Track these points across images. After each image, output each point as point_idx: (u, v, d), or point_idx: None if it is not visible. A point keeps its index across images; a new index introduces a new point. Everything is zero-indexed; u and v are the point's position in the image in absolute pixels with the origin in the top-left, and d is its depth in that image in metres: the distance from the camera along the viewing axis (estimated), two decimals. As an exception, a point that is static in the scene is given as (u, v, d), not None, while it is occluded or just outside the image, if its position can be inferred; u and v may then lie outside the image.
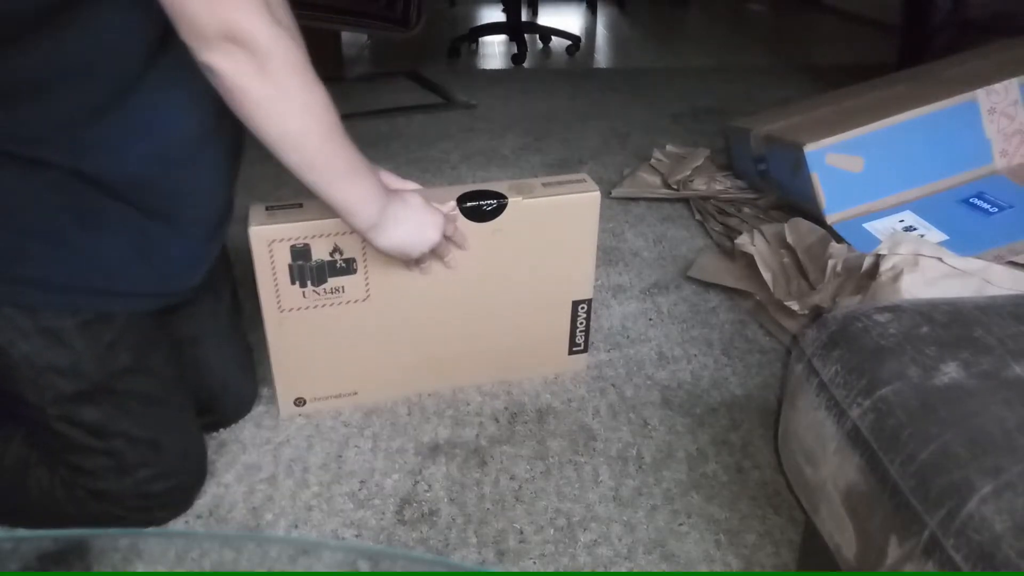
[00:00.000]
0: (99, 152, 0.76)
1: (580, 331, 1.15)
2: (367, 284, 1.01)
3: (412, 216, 0.91)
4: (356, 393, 1.09)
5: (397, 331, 1.06)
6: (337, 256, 0.98)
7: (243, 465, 1.00)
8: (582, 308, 1.13)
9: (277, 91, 0.72)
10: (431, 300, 1.05)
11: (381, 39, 3.59)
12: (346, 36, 3.21)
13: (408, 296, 1.03)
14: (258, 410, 1.09)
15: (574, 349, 1.16)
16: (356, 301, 1.01)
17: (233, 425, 1.06)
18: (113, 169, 0.77)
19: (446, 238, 0.97)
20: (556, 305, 1.12)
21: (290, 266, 0.97)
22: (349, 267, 0.99)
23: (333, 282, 0.99)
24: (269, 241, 0.95)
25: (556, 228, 1.06)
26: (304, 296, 0.99)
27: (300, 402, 1.08)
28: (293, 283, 0.98)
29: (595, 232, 1.08)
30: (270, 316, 1.00)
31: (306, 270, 0.98)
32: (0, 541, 0.50)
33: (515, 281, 1.08)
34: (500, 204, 1.01)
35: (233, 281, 1.06)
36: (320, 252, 0.97)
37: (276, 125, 0.74)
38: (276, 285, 0.98)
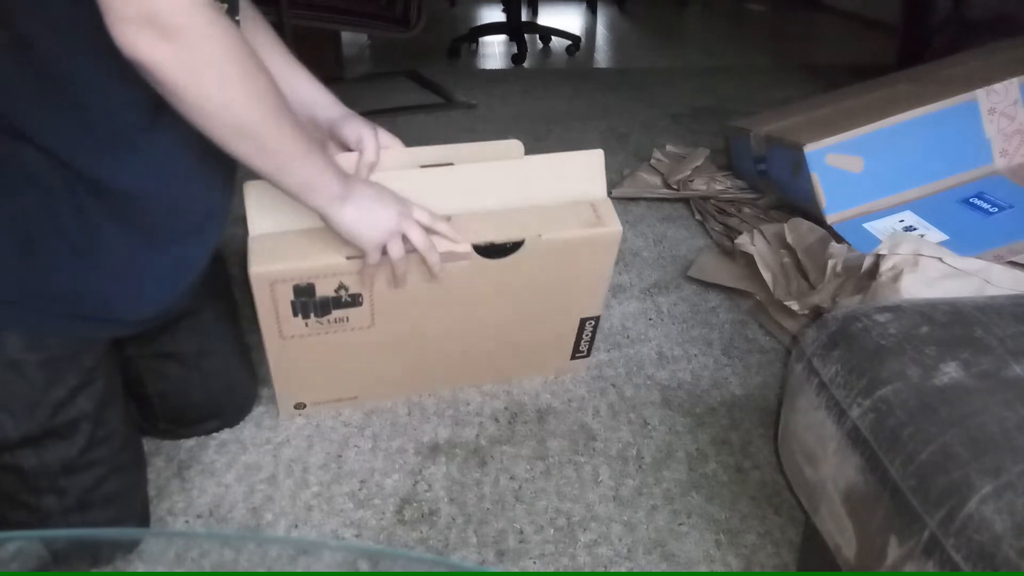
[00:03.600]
0: (115, 161, 0.74)
1: (585, 341, 1.14)
2: (372, 314, 0.97)
3: (374, 191, 0.87)
4: (356, 397, 1.09)
5: (401, 350, 1.04)
6: (343, 292, 0.94)
7: (243, 465, 1.00)
8: (589, 323, 1.11)
9: (213, 82, 0.66)
10: (438, 324, 1.02)
11: (381, 39, 3.59)
12: (346, 36, 3.21)
13: (414, 322, 1.01)
14: (258, 410, 1.09)
15: (576, 355, 1.16)
16: (360, 328, 0.98)
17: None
18: (120, 180, 0.74)
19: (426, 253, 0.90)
20: (564, 323, 1.11)
21: (292, 302, 0.93)
22: (355, 301, 0.95)
23: (337, 314, 0.96)
24: (271, 282, 0.90)
25: (573, 261, 1.01)
26: (307, 326, 0.96)
27: (300, 406, 1.07)
28: (296, 316, 0.94)
29: (613, 263, 1.04)
30: (271, 341, 0.97)
31: (309, 305, 0.94)
32: (1, 541, 0.50)
33: (525, 305, 1.05)
34: (516, 242, 0.96)
35: (228, 284, 1.05)
36: (324, 289, 0.93)
37: (216, 118, 0.69)
38: (278, 318, 0.94)
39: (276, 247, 0.90)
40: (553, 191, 1.00)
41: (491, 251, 0.95)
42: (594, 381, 1.16)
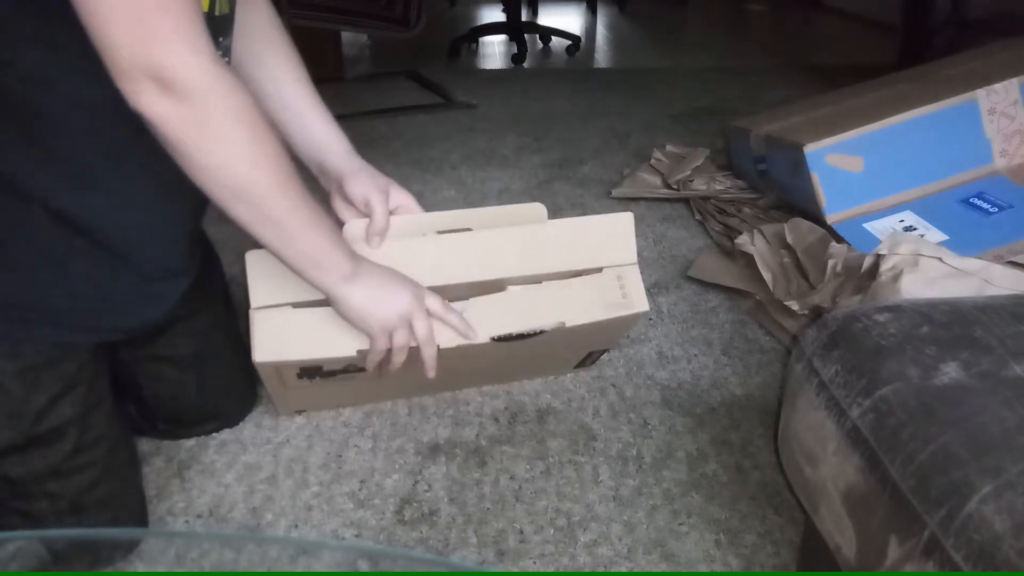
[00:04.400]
0: (79, 188, 0.73)
1: (591, 360, 1.14)
2: (380, 372, 0.95)
3: (385, 272, 0.83)
4: (356, 403, 1.10)
5: (406, 380, 1.01)
6: (351, 368, 0.92)
7: (243, 465, 1.00)
8: (597, 352, 1.12)
9: (216, 142, 0.65)
10: (445, 368, 0.98)
11: (381, 39, 3.59)
12: (346, 36, 3.21)
13: (423, 369, 0.97)
14: (258, 410, 1.09)
15: (580, 365, 1.16)
16: (367, 379, 0.96)
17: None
18: (78, 212, 0.73)
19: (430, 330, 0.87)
20: (572, 355, 1.10)
21: (298, 375, 0.92)
22: (361, 369, 0.93)
23: (343, 376, 0.94)
24: (276, 367, 0.88)
25: (593, 333, 1.00)
26: (311, 383, 0.94)
27: (300, 412, 1.07)
28: (300, 379, 0.93)
29: (630, 328, 1.02)
30: (272, 387, 0.96)
31: (315, 373, 0.92)
32: (0, 541, 0.50)
33: (538, 355, 1.04)
34: (537, 331, 0.93)
35: (225, 287, 1.04)
36: (331, 367, 0.91)
37: (218, 179, 0.67)
38: (281, 380, 0.93)
39: (282, 329, 0.86)
40: (578, 258, 0.96)
41: (509, 338, 0.92)
42: (594, 381, 1.16)
